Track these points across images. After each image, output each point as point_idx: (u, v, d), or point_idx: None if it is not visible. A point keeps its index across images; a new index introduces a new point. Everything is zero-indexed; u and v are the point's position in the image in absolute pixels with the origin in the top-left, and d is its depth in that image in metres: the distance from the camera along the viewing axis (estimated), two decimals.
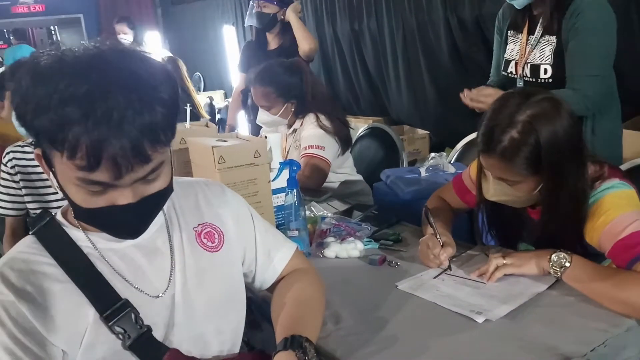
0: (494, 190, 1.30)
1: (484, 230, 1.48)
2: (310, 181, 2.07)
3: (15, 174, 1.93)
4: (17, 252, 0.89)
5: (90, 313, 0.86)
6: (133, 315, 0.88)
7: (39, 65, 0.76)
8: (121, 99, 0.74)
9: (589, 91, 1.67)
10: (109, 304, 0.87)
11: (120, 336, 0.86)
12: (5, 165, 1.94)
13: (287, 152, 2.31)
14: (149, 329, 0.89)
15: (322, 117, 2.19)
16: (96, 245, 0.91)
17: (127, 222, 0.86)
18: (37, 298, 0.84)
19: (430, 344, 1.03)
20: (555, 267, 1.19)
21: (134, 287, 0.91)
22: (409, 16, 3.69)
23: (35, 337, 0.82)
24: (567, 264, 1.17)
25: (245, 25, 3.20)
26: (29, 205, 1.94)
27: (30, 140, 1.77)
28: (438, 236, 1.36)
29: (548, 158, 1.19)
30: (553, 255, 1.19)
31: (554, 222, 1.28)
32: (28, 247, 0.89)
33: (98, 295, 0.87)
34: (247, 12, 3.08)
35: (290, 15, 2.92)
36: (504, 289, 1.20)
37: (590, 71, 1.67)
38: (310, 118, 2.21)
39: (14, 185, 1.93)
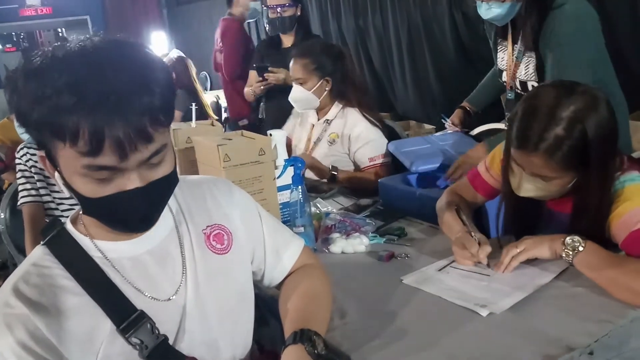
0: (528, 187, 1.27)
1: (494, 224, 1.46)
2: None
3: (30, 167, 2.12)
4: (31, 264, 0.88)
5: (106, 326, 0.86)
6: (149, 325, 0.87)
7: (31, 63, 0.76)
8: (116, 81, 0.74)
9: None
10: (125, 315, 0.86)
11: (137, 347, 0.86)
12: (19, 159, 2.15)
13: (314, 143, 2.25)
14: (166, 337, 0.89)
15: (364, 110, 2.18)
16: (107, 254, 0.89)
17: (137, 209, 0.83)
18: (52, 312, 0.83)
19: (435, 338, 1.04)
20: (568, 249, 1.18)
21: (145, 295, 0.90)
22: (413, 11, 3.69)
23: (52, 351, 0.82)
24: (581, 248, 1.17)
25: (269, 34, 3.09)
26: (44, 198, 2.12)
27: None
28: (472, 234, 1.33)
29: (595, 152, 1.18)
30: (567, 238, 1.19)
31: (587, 214, 1.26)
32: (42, 260, 0.88)
33: (114, 308, 0.86)
34: (264, 19, 3.00)
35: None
36: (509, 281, 1.21)
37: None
38: (354, 114, 2.18)
39: (28, 176, 2.12)
